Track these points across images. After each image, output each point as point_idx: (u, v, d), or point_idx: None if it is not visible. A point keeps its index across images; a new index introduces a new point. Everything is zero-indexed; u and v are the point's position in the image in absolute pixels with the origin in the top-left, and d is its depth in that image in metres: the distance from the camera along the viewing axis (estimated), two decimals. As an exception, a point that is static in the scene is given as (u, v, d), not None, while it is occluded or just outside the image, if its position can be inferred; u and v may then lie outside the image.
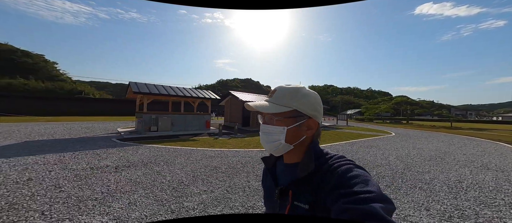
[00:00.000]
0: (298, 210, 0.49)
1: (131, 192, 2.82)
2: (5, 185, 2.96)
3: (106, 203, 2.47)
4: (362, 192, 0.38)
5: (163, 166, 4.13)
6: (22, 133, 8.40)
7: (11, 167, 3.83)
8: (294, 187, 0.51)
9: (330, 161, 0.50)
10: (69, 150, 5.39)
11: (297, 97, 0.53)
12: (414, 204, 2.71)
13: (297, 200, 0.50)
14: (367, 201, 0.36)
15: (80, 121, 16.15)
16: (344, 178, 0.43)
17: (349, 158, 0.50)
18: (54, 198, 2.59)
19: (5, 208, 2.31)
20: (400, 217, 2.36)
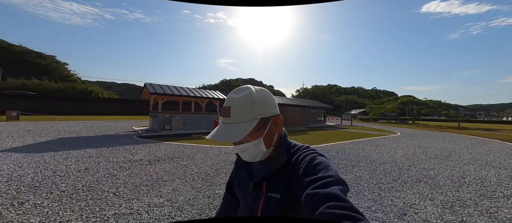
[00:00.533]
0: (272, 200, 0.51)
1: (170, 181, 3.27)
2: (71, 173, 3.49)
3: (156, 188, 2.93)
4: (324, 177, 0.42)
5: (188, 161, 4.58)
6: (51, 131, 9.07)
7: (65, 159, 4.38)
8: (268, 180, 0.53)
9: (298, 152, 0.54)
10: (102, 146, 5.94)
11: (256, 105, 0.52)
12: (419, 195, 3.04)
13: (270, 192, 0.52)
14: (329, 184, 0.40)
15: (94, 120, 16.95)
16: (310, 166, 0.47)
17: (313, 148, 0.55)
18: (115, 183, 3.08)
19: (85, 190, 2.83)
20: (407, 205, 2.71)
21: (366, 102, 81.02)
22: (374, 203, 2.70)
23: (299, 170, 0.49)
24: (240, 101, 0.52)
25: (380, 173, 4.08)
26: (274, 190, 0.51)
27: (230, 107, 0.52)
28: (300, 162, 0.50)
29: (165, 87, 11.14)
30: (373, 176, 3.87)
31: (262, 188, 0.53)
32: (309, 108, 20.44)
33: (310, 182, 0.43)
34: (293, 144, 0.58)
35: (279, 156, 0.53)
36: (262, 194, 0.53)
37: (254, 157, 0.54)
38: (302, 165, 0.49)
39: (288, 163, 0.53)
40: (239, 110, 0.51)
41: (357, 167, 4.49)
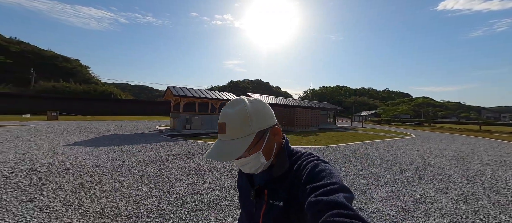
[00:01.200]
0: (274, 208, 0.50)
1: (210, 171, 3.85)
2: (135, 163, 4.21)
3: (203, 176, 3.52)
4: (328, 184, 0.42)
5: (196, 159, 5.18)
6: (92, 129, 10.18)
7: (122, 152, 5.18)
8: (269, 187, 0.53)
9: (301, 159, 0.53)
10: (142, 143, 6.75)
11: (251, 119, 0.51)
12: (435, 190, 3.34)
13: (272, 199, 0.51)
14: (332, 192, 0.40)
15: (118, 120, 18.35)
16: (313, 173, 0.46)
17: (316, 154, 0.54)
18: (171, 172, 3.73)
19: (153, 175, 3.51)
20: (423, 196, 3.04)
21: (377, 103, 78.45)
22: (392, 194, 3.07)
23: (301, 177, 0.48)
24: (235, 116, 0.50)
25: (395, 170, 4.38)
26: (276, 197, 0.51)
27: (225, 123, 0.50)
28: (303, 169, 0.49)
29: (185, 89, 12.00)
30: (389, 173, 4.19)
31: (263, 195, 0.53)
32: (318, 110, 20.56)
33: (313, 189, 0.42)
34: (296, 151, 0.58)
35: (281, 163, 0.53)
36: (264, 201, 0.52)
37: (256, 170, 0.53)
38: (305, 172, 0.48)
39: (290, 170, 0.52)
40: (235, 125, 0.49)
41: (373, 165, 4.81)
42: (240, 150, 0.49)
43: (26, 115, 18.97)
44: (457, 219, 2.41)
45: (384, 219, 2.31)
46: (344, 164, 4.78)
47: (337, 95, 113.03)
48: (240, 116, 0.50)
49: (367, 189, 3.22)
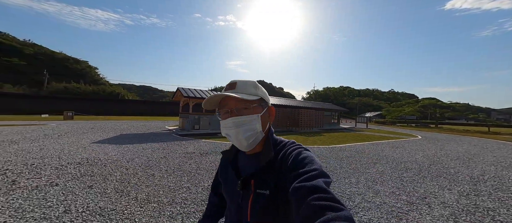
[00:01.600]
0: (261, 197, 0.52)
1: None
2: (158, 159, 4.58)
3: None
4: (310, 171, 0.45)
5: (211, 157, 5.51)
6: (108, 128, 10.70)
7: (144, 149, 5.57)
8: (256, 176, 0.54)
9: (285, 147, 0.56)
10: (158, 141, 7.16)
11: (258, 87, 0.58)
12: (438, 186, 3.55)
13: (259, 188, 0.52)
14: (314, 178, 0.43)
15: (128, 120, 18.98)
16: (297, 160, 0.49)
17: (299, 143, 0.57)
18: (191, 167, 4.07)
19: (177, 170, 3.85)
20: (427, 192, 3.26)
21: (382, 104, 77.43)
22: (397, 190, 3.30)
23: (286, 165, 0.50)
24: (246, 81, 0.57)
25: (401, 169, 4.59)
26: (263, 186, 0.52)
27: (236, 82, 0.56)
28: (288, 157, 0.51)
29: (194, 91, 12.43)
30: (395, 171, 4.40)
31: (250, 185, 0.54)
32: (322, 111, 20.70)
33: (297, 176, 0.45)
34: (280, 140, 0.60)
35: (267, 152, 0.55)
36: (251, 191, 0.53)
37: (247, 136, 0.54)
38: (289, 159, 0.50)
39: (275, 158, 0.54)
40: (245, 85, 0.56)
41: (379, 164, 5.02)
42: (246, 96, 0.53)
43: (45, 115, 19.89)
44: (458, 211, 2.64)
45: (390, 211, 2.56)
46: (350, 163, 5.02)
47: (341, 96, 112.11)
48: (249, 82, 0.58)
49: (374, 185, 3.46)
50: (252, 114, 0.54)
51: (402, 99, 66.66)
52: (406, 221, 2.31)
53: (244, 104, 0.54)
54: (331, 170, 4.27)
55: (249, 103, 0.54)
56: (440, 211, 2.60)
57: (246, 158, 0.60)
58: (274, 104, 17.62)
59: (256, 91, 0.57)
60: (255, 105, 0.55)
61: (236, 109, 0.54)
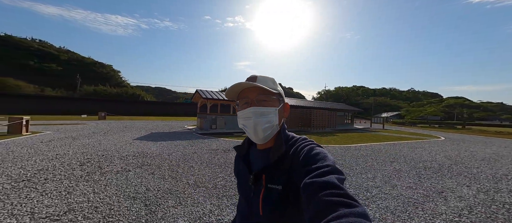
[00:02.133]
0: (272, 192, 0.52)
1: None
2: (192, 154, 5.22)
3: None
4: (322, 167, 0.44)
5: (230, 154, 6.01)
6: (138, 127, 11.88)
7: (176, 146, 6.30)
8: (267, 171, 0.54)
9: (297, 143, 0.56)
10: (184, 139, 7.92)
11: (276, 83, 0.60)
12: (457, 183, 3.65)
13: (270, 183, 0.53)
14: (326, 174, 0.42)
15: (152, 120, 20.56)
16: (308, 156, 0.49)
17: (311, 139, 0.57)
18: (220, 161, 4.62)
19: (210, 163, 4.42)
20: (445, 188, 3.40)
21: (400, 104, 72.83)
22: (414, 185, 3.49)
23: (298, 161, 0.50)
24: (265, 76, 0.59)
25: (419, 167, 4.67)
26: (274, 181, 0.52)
27: (257, 76, 0.58)
28: (299, 152, 0.52)
29: (212, 92, 13.27)
30: (413, 169, 4.51)
31: (261, 180, 0.54)
32: (335, 111, 20.42)
33: (308, 172, 0.45)
34: (292, 135, 0.60)
35: (278, 147, 0.55)
36: (262, 186, 0.53)
37: (265, 129, 0.55)
38: (301, 155, 0.50)
39: (286, 154, 0.54)
40: (264, 79, 0.58)
41: (396, 162, 5.13)
42: (268, 89, 0.55)
43: (84, 115, 22.46)
44: (473, 204, 2.80)
45: (407, 201, 2.81)
46: (366, 161, 5.19)
47: (354, 96, 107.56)
48: (269, 77, 0.59)
49: (391, 180, 3.68)
50: (272, 106, 0.57)
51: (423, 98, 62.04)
52: (422, 209, 2.56)
53: (266, 96, 0.56)
54: (347, 167, 4.53)
55: (270, 95, 0.56)
56: (456, 203, 2.79)
57: (258, 153, 0.61)
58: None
59: (275, 85, 0.59)
60: (274, 98, 0.58)
61: (257, 100, 0.56)
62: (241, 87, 0.57)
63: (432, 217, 2.37)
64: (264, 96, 0.56)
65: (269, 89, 0.55)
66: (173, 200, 2.61)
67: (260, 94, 0.56)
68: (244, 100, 0.57)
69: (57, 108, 27.03)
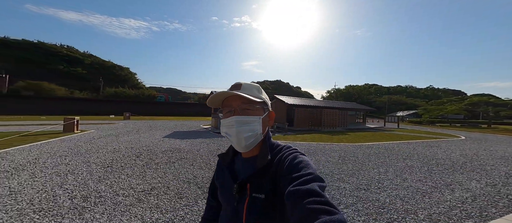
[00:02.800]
0: (257, 201, 0.52)
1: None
2: (215, 150, 5.91)
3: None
4: (305, 175, 0.46)
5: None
6: (161, 127, 12.94)
7: (201, 143, 7.03)
8: (252, 180, 0.54)
9: (282, 152, 0.56)
10: (205, 137, 8.67)
11: (261, 91, 0.61)
12: (467, 178, 3.86)
13: (255, 192, 0.53)
14: (309, 182, 0.44)
15: (169, 120, 21.82)
16: (292, 164, 0.50)
17: (295, 147, 0.57)
18: None
19: None
20: (454, 181, 3.66)
21: (418, 102, 68.73)
22: (424, 178, 3.78)
23: (282, 169, 0.51)
24: (251, 84, 0.60)
25: (432, 164, 4.88)
26: (259, 190, 0.53)
27: (241, 84, 0.59)
28: (284, 161, 0.52)
29: (225, 93, 14.03)
30: (425, 165, 4.75)
31: (246, 189, 0.54)
32: (346, 110, 20.26)
33: (292, 180, 0.46)
34: (276, 144, 0.61)
35: (263, 155, 0.55)
36: (247, 195, 0.54)
37: (248, 137, 0.55)
38: (285, 163, 0.51)
39: (271, 162, 0.55)
40: (249, 87, 0.59)
41: (409, 159, 5.36)
42: (251, 98, 0.55)
43: (112, 115, 24.67)
44: (478, 195, 3.08)
45: (416, 191, 3.16)
46: (378, 158, 5.47)
47: (366, 94, 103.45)
48: (254, 85, 0.61)
49: (402, 174, 4.00)
50: (255, 115, 0.56)
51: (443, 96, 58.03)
52: (429, 198, 2.92)
53: (249, 104, 0.56)
54: (359, 163, 4.88)
55: (253, 104, 0.56)
56: (461, 194, 3.10)
57: (243, 162, 0.61)
58: (296, 105, 18.19)
59: (260, 94, 0.59)
60: (258, 107, 0.58)
61: (240, 108, 0.56)
62: (224, 95, 0.57)
63: (437, 204, 2.73)
64: (248, 105, 0.56)
65: (252, 98, 0.55)
66: (214, 183, 3.30)
67: (244, 103, 0.56)
68: (227, 109, 0.58)
69: (85, 109, 29.76)
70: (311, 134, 11.59)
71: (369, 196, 2.89)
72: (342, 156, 5.55)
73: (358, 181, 3.53)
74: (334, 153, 5.96)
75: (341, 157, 5.40)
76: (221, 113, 0.60)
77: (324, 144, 7.56)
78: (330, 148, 6.93)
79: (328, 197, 0.40)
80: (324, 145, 7.46)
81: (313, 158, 5.25)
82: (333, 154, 5.80)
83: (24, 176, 3.28)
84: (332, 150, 6.46)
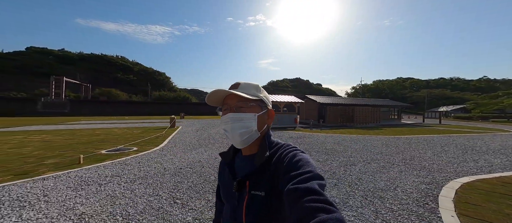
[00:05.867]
0: (256, 198, 0.53)
1: (307, 151, 7.11)
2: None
3: (313, 151, 6.86)
4: (304, 173, 0.46)
5: (310, 139, 8.45)
6: (213, 124, 15.94)
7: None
8: (251, 178, 0.55)
9: (281, 149, 0.57)
10: None
11: (260, 90, 0.62)
12: (493, 157, 5.00)
13: (254, 190, 0.54)
14: (308, 180, 0.44)
15: (208, 119, 25.23)
16: (291, 162, 0.50)
17: (294, 145, 0.58)
18: (286, 139, 7.33)
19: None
20: (481, 159, 4.93)
21: (467, 96, 59.49)
22: (457, 156, 5.11)
23: (281, 167, 0.52)
24: (249, 83, 0.62)
25: (467, 150, 5.98)
26: (258, 188, 0.54)
27: (239, 83, 0.61)
28: (283, 159, 0.53)
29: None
30: (460, 150, 5.91)
31: (245, 186, 0.55)
32: (379, 107, 20.39)
33: (291, 178, 0.46)
34: (276, 142, 0.62)
35: (262, 153, 0.56)
36: (246, 193, 0.55)
37: (242, 134, 0.57)
38: (285, 161, 0.52)
39: (270, 160, 0.56)
40: (247, 86, 0.61)
41: (446, 147, 6.51)
42: (247, 95, 0.57)
43: (172, 115, 29.65)
44: (495, 164, 4.38)
45: (448, 162, 4.60)
46: (417, 145, 6.75)
47: (400, 89, 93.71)
48: (253, 84, 0.62)
49: (440, 154, 5.37)
50: (249, 112, 0.58)
51: (503, 88, 49.04)
52: (457, 165, 4.39)
53: (243, 102, 0.58)
54: (401, 148, 6.29)
55: (247, 102, 0.58)
56: (482, 164, 4.46)
57: (242, 160, 0.63)
58: (327, 103, 19.33)
59: (257, 93, 0.61)
60: (253, 104, 0.59)
61: (235, 106, 0.58)
62: (222, 93, 0.60)
63: (461, 167, 4.21)
64: (242, 102, 0.58)
65: (246, 96, 0.57)
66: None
67: (239, 101, 0.58)
68: (225, 107, 0.61)
69: (140, 110, 36.19)
70: (345, 129, 12.86)
71: (414, 163, 4.49)
72: (385, 144, 7.04)
73: (404, 156, 5.13)
74: (376, 142, 7.47)
75: (384, 145, 6.89)
76: (221, 111, 0.63)
77: (363, 136, 8.96)
78: (370, 138, 8.35)
79: (327, 196, 0.41)
80: (363, 136, 8.86)
81: (360, 145, 6.90)
82: (376, 143, 7.32)
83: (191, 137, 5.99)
84: (373, 140, 7.92)
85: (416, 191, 2.92)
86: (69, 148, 6.12)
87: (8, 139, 7.99)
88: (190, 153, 5.44)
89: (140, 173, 3.67)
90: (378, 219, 2.17)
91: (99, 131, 10.90)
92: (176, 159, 4.75)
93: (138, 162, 4.50)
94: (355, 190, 2.97)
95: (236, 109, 0.58)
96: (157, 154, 5.27)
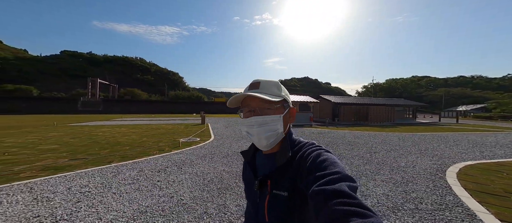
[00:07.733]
0: (278, 198, 0.52)
1: (332, 143, 8.19)
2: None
3: (335, 146, 7.96)
4: (331, 174, 0.43)
5: (330, 134, 9.50)
6: (232, 122, 17.24)
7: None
8: (272, 177, 0.54)
9: (304, 148, 0.55)
10: None
11: (281, 88, 0.59)
12: (497, 149, 5.81)
13: (276, 189, 0.53)
14: (336, 181, 0.41)
15: (220, 117, 26.67)
16: (316, 162, 0.47)
17: (318, 144, 0.55)
18: (306, 136, 8.48)
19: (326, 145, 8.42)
20: (487, 150, 5.79)
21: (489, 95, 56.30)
22: (467, 148, 6.00)
23: (304, 167, 0.49)
24: (269, 81, 0.59)
25: (477, 145, 6.80)
26: (279, 187, 0.52)
27: (260, 82, 0.58)
28: (306, 158, 0.51)
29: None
30: (470, 144, 6.75)
31: (267, 185, 0.54)
32: (393, 106, 20.78)
33: (316, 179, 0.43)
34: (298, 141, 0.59)
35: (283, 152, 0.55)
36: (268, 192, 0.54)
37: (268, 137, 0.55)
38: (308, 161, 0.49)
39: (293, 159, 0.54)
40: (268, 85, 0.58)
41: (459, 141, 7.33)
42: (271, 98, 0.54)
43: (194, 113, 31.44)
44: (497, 154, 5.27)
45: (458, 153, 5.54)
46: (432, 140, 7.60)
47: (414, 88, 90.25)
48: (273, 82, 0.59)
49: (451, 147, 6.28)
50: (275, 114, 0.56)
51: (529, 85, 45.90)
52: (465, 154, 5.34)
53: (268, 104, 0.56)
54: (417, 142, 7.17)
55: (272, 104, 0.56)
56: (486, 153, 5.36)
57: (263, 158, 0.62)
58: (341, 103, 20.12)
59: (279, 91, 0.59)
60: (278, 106, 0.57)
61: (260, 108, 0.56)
62: (243, 96, 0.58)
63: (467, 156, 5.13)
64: (267, 104, 0.56)
65: (270, 99, 0.55)
66: (334, 144, 6.48)
67: (263, 103, 0.56)
68: (247, 108, 0.58)
69: (159, 109, 38.71)
70: (360, 127, 13.59)
71: (428, 153, 5.45)
72: (401, 139, 7.95)
73: (419, 148, 6.10)
74: (393, 137, 8.38)
75: (400, 139, 7.82)
76: (242, 113, 0.60)
77: (380, 132, 9.86)
78: (386, 134, 9.24)
79: (360, 199, 0.37)
80: (380, 133, 9.77)
81: (378, 139, 7.87)
82: (393, 138, 8.25)
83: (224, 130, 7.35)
84: (390, 136, 8.81)
85: (429, 169, 3.98)
86: (157, 138, 7.27)
87: (101, 131, 9.08)
88: (237, 143, 6.75)
89: (221, 153, 5.03)
90: (404, 179, 3.32)
91: (154, 126, 12.01)
92: (233, 146, 6.09)
93: (211, 147, 5.85)
94: (383, 166, 4.10)
95: (261, 112, 0.57)
96: (218, 143, 6.60)
